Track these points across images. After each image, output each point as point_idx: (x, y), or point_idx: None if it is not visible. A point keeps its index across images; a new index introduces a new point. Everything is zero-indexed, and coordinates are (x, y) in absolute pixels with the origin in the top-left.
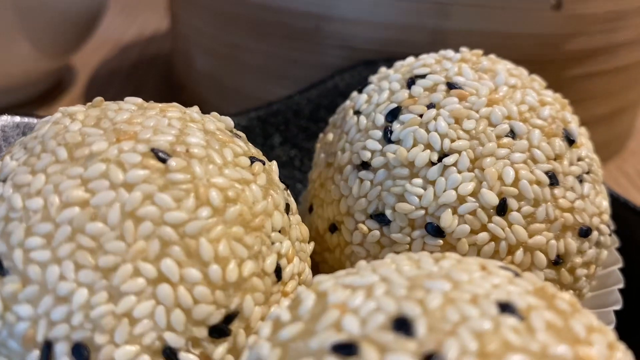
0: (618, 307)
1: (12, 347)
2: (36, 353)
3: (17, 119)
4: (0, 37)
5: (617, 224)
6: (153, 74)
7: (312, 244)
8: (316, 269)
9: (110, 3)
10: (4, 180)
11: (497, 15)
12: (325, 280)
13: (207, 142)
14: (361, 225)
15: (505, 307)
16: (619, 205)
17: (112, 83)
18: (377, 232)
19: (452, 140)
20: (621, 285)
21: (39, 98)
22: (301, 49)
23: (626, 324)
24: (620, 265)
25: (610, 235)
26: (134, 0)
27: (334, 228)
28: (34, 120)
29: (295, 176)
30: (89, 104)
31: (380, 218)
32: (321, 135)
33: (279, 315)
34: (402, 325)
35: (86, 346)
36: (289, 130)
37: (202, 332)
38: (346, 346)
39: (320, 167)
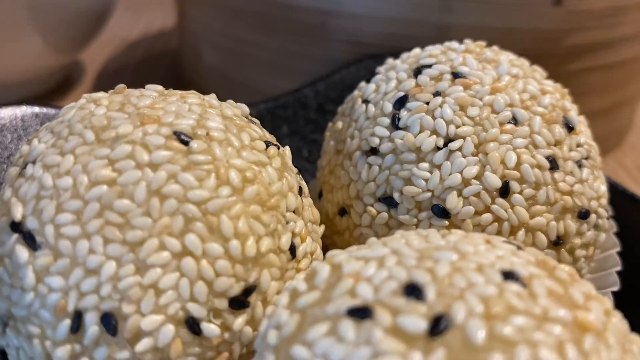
0: (616, 288)
1: (44, 317)
2: (67, 322)
3: (36, 109)
4: (13, 33)
5: (616, 210)
6: (160, 70)
7: (323, 226)
8: (326, 252)
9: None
10: (34, 162)
11: (498, 11)
12: (338, 254)
13: (225, 126)
14: (370, 208)
15: (509, 275)
16: (617, 193)
17: (119, 79)
18: (385, 215)
19: (457, 127)
20: (619, 268)
21: (48, 93)
22: (308, 44)
23: (623, 305)
24: (618, 249)
25: (608, 219)
26: None
27: (343, 212)
28: (51, 111)
29: (303, 167)
30: (112, 90)
31: (388, 201)
32: (330, 124)
33: (296, 286)
34: (413, 291)
35: (114, 315)
36: (296, 123)
37: (222, 304)
38: (361, 310)
39: (329, 154)
